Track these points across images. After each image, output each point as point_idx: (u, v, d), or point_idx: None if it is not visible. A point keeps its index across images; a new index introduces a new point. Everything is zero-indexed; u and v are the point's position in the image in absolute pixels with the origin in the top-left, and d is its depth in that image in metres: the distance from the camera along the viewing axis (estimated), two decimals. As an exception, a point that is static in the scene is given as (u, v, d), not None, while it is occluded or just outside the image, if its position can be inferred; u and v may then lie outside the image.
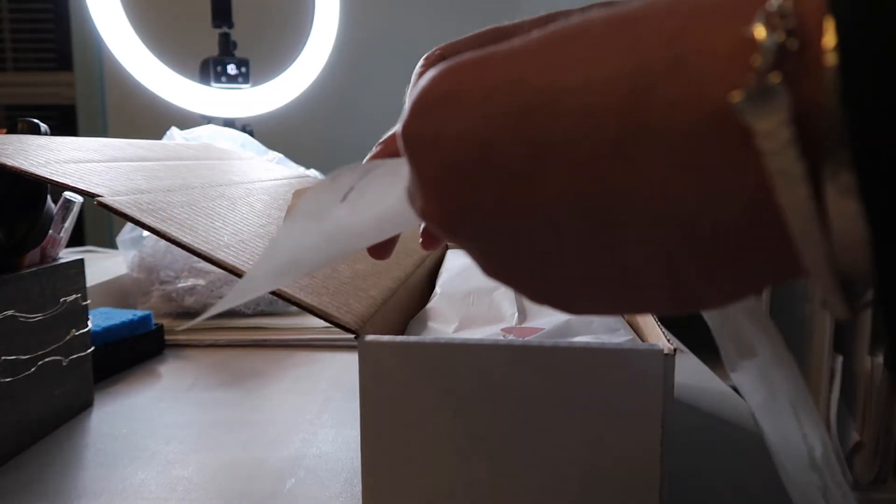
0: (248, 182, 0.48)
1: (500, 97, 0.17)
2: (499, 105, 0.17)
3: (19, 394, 0.44)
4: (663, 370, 0.28)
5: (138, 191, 0.35)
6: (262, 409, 0.52)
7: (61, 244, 0.50)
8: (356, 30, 2.08)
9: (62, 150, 0.40)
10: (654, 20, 0.16)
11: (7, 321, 0.42)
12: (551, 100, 0.16)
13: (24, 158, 0.35)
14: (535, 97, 0.16)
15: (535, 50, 0.17)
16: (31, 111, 2.41)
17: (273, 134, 1.75)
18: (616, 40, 0.16)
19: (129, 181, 0.36)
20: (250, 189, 0.45)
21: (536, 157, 0.16)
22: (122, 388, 0.56)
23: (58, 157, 0.38)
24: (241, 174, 0.51)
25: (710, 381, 0.59)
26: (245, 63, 1.62)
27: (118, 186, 0.35)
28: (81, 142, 0.45)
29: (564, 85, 0.16)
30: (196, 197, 0.38)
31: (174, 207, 0.34)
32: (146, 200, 0.33)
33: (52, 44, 2.40)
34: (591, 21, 0.17)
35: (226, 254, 0.31)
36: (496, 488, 0.30)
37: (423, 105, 0.18)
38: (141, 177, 0.38)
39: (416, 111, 0.18)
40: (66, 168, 0.36)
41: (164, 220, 0.31)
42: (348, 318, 0.30)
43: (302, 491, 0.40)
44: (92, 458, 0.44)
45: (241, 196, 0.42)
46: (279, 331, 0.70)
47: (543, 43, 0.17)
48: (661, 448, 0.28)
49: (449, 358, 0.29)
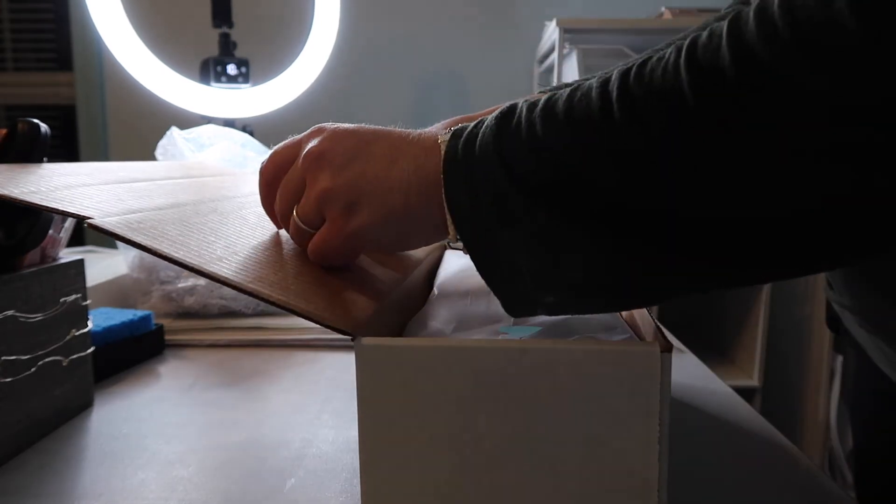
0: (241, 196, 0.48)
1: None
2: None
3: (19, 394, 0.44)
4: (660, 369, 0.28)
5: (129, 211, 0.35)
6: (263, 409, 0.53)
7: (61, 244, 0.50)
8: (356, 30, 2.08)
9: (53, 177, 0.40)
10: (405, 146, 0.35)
11: (7, 321, 0.42)
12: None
13: (15, 186, 0.36)
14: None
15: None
16: (31, 111, 2.41)
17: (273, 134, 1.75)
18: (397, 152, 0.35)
19: (119, 202, 0.37)
20: (243, 202, 0.45)
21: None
22: (122, 388, 0.56)
23: (49, 185, 0.38)
24: (232, 188, 0.52)
25: (710, 381, 0.59)
26: (245, 63, 1.62)
27: (109, 208, 0.35)
28: (73, 167, 0.45)
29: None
30: (188, 213, 0.38)
31: (166, 224, 0.34)
32: (137, 220, 0.34)
33: (52, 44, 2.40)
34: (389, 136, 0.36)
35: (219, 266, 0.31)
36: (494, 489, 0.30)
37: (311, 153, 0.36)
38: (132, 197, 0.39)
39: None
40: (56, 194, 0.36)
41: (156, 238, 0.32)
42: (345, 321, 0.30)
43: (302, 491, 0.40)
44: (92, 458, 0.44)
45: (234, 210, 0.42)
46: (279, 331, 0.70)
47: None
48: (659, 447, 0.28)
49: (445, 359, 0.29)
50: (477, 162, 0.32)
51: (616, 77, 0.29)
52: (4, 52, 2.41)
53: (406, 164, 0.34)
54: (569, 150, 0.29)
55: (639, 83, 0.28)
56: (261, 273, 0.32)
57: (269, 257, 0.35)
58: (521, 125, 0.31)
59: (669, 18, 1.70)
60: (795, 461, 0.44)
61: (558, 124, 0.30)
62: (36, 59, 2.43)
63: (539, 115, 0.31)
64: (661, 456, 0.29)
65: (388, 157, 0.35)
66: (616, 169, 0.28)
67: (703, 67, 0.26)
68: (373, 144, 0.35)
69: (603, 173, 0.29)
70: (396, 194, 0.34)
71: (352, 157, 0.35)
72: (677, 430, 0.47)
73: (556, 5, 2.12)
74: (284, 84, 1.67)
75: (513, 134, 0.31)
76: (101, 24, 1.47)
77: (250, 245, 0.36)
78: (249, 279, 0.31)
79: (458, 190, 0.32)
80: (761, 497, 0.40)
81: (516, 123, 0.31)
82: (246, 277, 0.31)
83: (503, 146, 0.31)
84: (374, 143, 0.35)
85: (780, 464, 0.43)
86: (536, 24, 2.10)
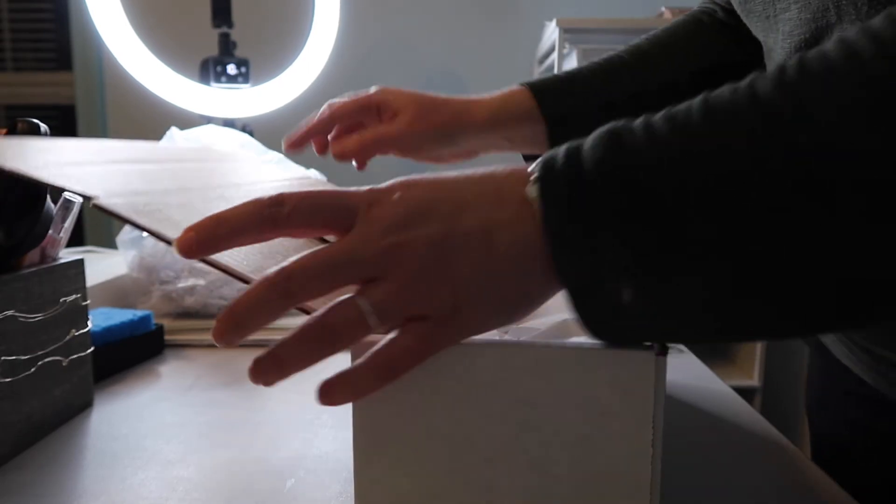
0: (248, 184, 0.48)
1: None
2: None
3: (19, 394, 0.44)
4: (654, 372, 0.28)
5: (135, 193, 0.35)
6: (262, 409, 0.52)
7: (61, 244, 0.50)
8: (356, 30, 2.08)
9: (61, 153, 0.40)
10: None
11: (7, 321, 0.42)
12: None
13: (23, 161, 0.35)
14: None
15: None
16: (30, 111, 2.41)
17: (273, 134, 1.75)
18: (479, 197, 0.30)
19: (127, 183, 0.36)
20: (249, 191, 0.45)
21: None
22: (122, 388, 0.56)
23: (57, 160, 0.38)
24: (240, 176, 0.51)
25: (710, 381, 0.59)
26: (245, 63, 1.62)
27: (115, 188, 0.35)
28: (81, 143, 0.45)
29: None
30: (193, 199, 0.38)
31: (171, 209, 0.34)
32: (142, 202, 0.33)
33: (51, 44, 2.40)
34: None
35: (220, 254, 0.31)
36: (487, 488, 0.30)
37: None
38: (139, 179, 0.39)
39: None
40: (64, 170, 0.35)
41: (160, 222, 0.31)
42: None
43: (302, 491, 0.40)
44: (92, 458, 0.44)
45: (240, 198, 0.42)
46: (279, 331, 0.70)
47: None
48: (652, 450, 0.28)
49: (441, 357, 0.29)
50: (597, 239, 0.26)
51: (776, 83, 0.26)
52: (4, 51, 2.41)
53: (504, 237, 0.28)
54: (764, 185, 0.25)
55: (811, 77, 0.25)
56: (263, 264, 0.32)
57: (273, 248, 0.35)
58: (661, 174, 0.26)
59: (669, 18, 1.70)
60: (795, 461, 0.44)
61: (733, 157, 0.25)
62: (35, 58, 2.43)
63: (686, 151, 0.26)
64: (655, 458, 0.29)
65: (481, 235, 0.28)
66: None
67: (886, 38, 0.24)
68: (459, 219, 0.29)
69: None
70: (505, 284, 0.29)
71: (445, 249, 0.28)
72: (677, 429, 0.47)
73: (556, 5, 2.12)
74: (284, 84, 1.67)
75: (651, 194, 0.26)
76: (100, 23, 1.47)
77: None
78: (250, 269, 0.31)
79: (572, 269, 0.27)
80: (761, 497, 0.40)
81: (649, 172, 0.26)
82: (247, 267, 0.31)
83: (637, 212, 0.26)
84: (461, 218, 0.29)
85: (780, 464, 0.43)
86: (536, 24, 2.10)
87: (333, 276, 0.28)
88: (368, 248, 0.28)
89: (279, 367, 0.29)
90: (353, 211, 0.29)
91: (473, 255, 0.28)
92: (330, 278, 0.28)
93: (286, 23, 2.09)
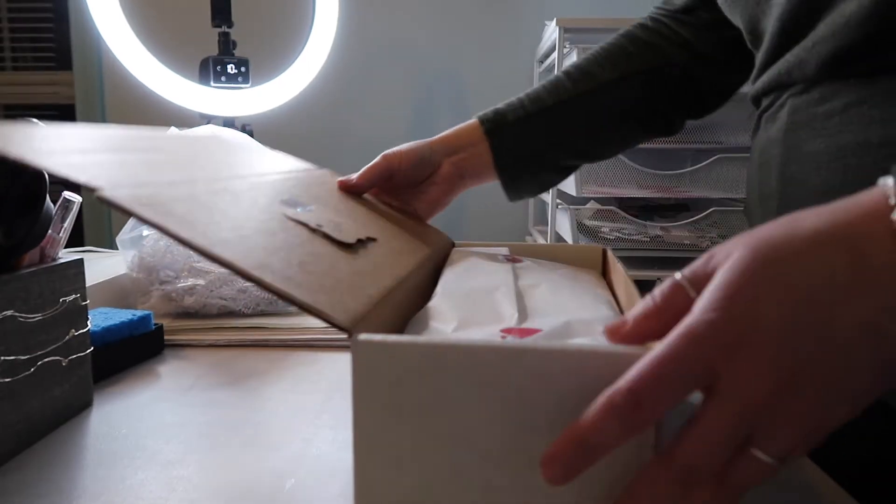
0: (255, 175, 0.47)
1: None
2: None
3: (19, 394, 0.44)
4: None
5: (140, 184, 0.34)
6: (262, 409, 0.52)
7: (61, 244, 0.50)
8: (355, 30, 2.08)
9: (67, 140, 0.39)
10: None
11: (7, 321, 0.42)
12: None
13: (29, 148, 0.35)
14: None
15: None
16: (30, 111, 2.41)
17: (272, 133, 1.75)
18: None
19: (132, 174, 0.36)
20: (256, 183, 0.44)
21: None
22: (122, 388, 0.56)
23: (63, 147, 0.37)
24: (247, 167, 0.50)
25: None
26: (245, 63, 1.62)
27: (120, 179, 0.34)
28: (87, 130, 0.44)
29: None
30: (199, 191, 0.37)
31: (175, 202, 0.33)
32: (146, 194, 0.33)
33: (51, 43, 2.40)
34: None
35: (223, 249, 0.30)
36: (488, 490, 0.30)
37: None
38: (144, 170, 0.38)
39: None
40: (69, 159, 0.35)
41: (163, 215, 0.31)
42: (342, 317, 0.30)
43: (302, 491, 0.40)
44: (92, 458, 0.44)
45: (246, 190, 0.41)
46: (279, 331, 0.70)
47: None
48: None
49: (441, 358, 0.29)
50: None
51: None
52: (3, 51, 2.41)
53: (865, 358, 0.25)
54: None
55: None
56: (266, 260, 0.32)
57: (277, 244, 0.35)
58: None
59: (669, 18, 1.70)
60: (795, 461, 0.44)
61: None
62: (35, 58, 2.43)
63: None
64: None
65: (869, 342, 0.25)
66: None
67: None
68: (838, 349, 0.25)
69: None
70: (860, 388, 0.26)
71: (832, 395, 0.26)
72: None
73: (556, 5, 2.12)
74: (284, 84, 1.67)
75: None
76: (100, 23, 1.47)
77: (258, 229, 0.35)
78: (253, 265, 0.30)
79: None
80: (761, 497, 0.39)
81: None
82: (250, 263, 0.30)
83: None
84: (837, 345, 0.25)
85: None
86: (536, 24, 2.10)
87: (727, 447, 0.27)
88: (747, 423, 0.26)
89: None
90: (709, 374, 0.26)
91: (864, 369, 0.25)
92: (722, 450, 0.27)
93: (286, 22, 2.09)
